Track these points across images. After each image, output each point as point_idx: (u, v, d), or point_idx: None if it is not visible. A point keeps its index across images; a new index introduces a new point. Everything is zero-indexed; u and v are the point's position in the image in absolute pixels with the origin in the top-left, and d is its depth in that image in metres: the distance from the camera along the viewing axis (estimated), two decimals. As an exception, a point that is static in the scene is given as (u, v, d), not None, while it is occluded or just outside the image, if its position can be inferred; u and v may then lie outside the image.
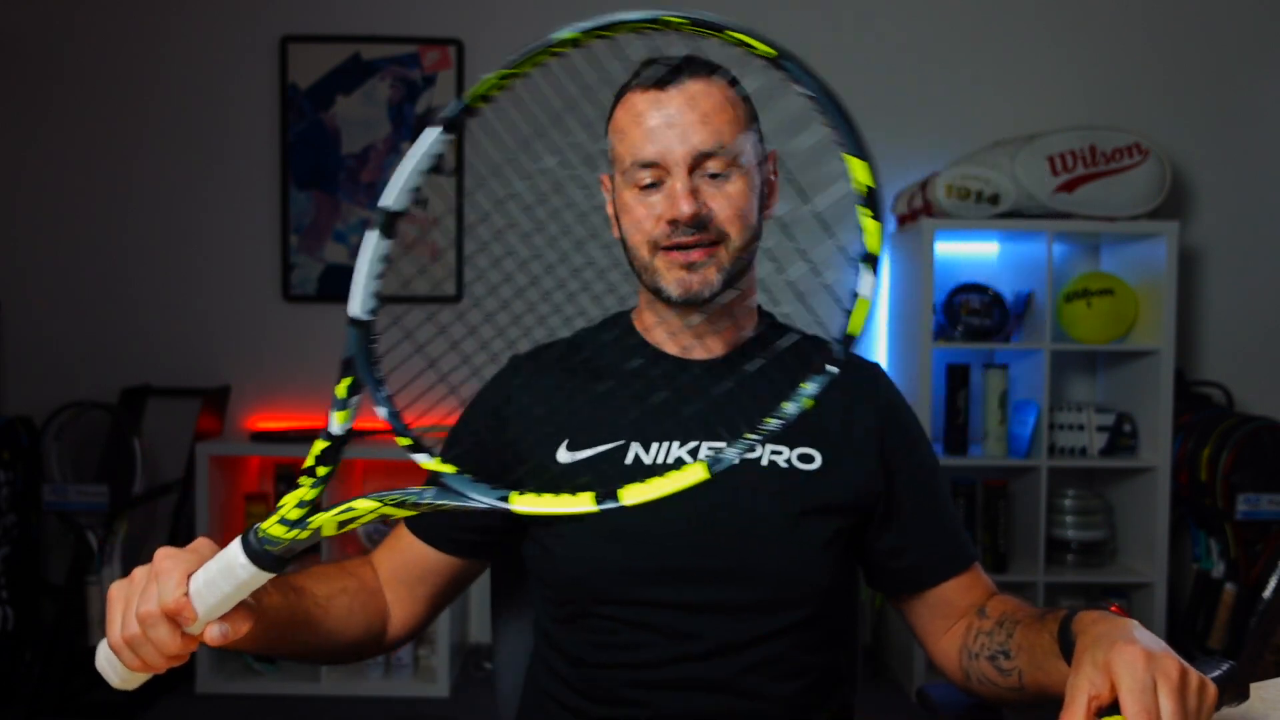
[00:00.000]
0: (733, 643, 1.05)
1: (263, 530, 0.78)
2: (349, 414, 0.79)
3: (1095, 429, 3.07)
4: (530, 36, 0.84)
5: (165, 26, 3.29)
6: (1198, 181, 3.31)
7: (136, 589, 0.79)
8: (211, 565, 0.78)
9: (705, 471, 0.73)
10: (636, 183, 1.08)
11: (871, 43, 3.30)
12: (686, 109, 1.06)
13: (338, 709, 2.89)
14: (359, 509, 0.77)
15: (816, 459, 1.10)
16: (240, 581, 0.77)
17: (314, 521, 0.77)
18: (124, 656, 0.79)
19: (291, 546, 0.78)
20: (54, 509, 2.88)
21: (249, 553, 0.77)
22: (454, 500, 0.78)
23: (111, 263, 3.30)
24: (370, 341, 0.78)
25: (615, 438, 1.10)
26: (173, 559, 0.80)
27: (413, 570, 1.16)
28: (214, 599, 0.78)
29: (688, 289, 1.08)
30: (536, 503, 0.76)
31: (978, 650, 1.09)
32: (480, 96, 0.71)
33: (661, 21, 0.69)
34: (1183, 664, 0.78)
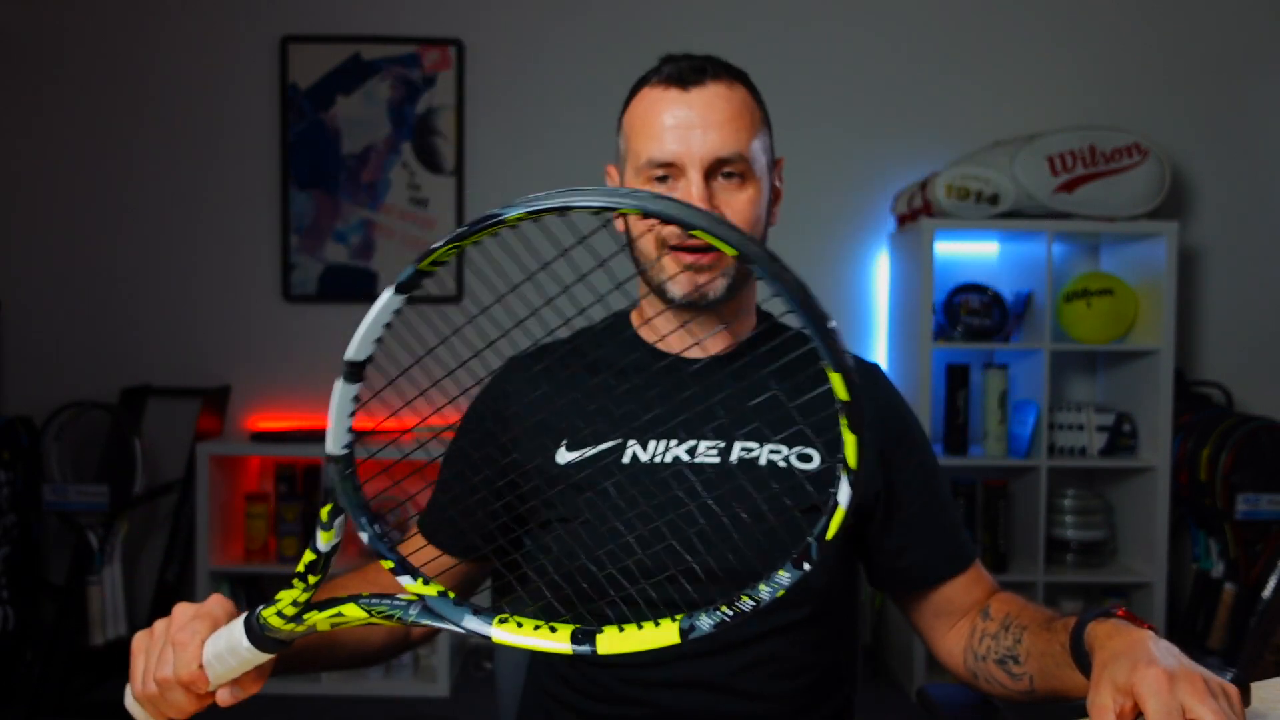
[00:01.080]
0: (732, 641, 1.05)
1: (262, 617, 0.82)
2: (333, 534, 0.82)
3: (1095, 429, 3.07)
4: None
5: (165, 26, 3.29)
6: (1198, 181, 3.31)
7: (156, 647, 0.85)
8: (220, 640, 0.83)
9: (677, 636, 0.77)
10: (649, 179, 1.08)
11: (871, 43, 3.30)
12: (708, 111, 1.05)
13: (338, 709, 2.89)
14: (348, 615, 0.82)
15: (815, 459, 1.10)
16: (245, 660, 0.83)
17: (308, 619, 0.82)
18: (148, 709, 0.87)
19: (289, 636, 0.83)
20: (54, 509, 2.88)
21: (251, 636, 0.82)
22: (435, 621, 0.81)
23: (112, 263, 3.30)
24: (347, 473, 0.80)
25: (613, 437, 1.10)
26: (188, 631, 0.84)
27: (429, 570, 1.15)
28: (223, 669, 0.83)
29: (692, 291, 1.08)
30: (516, 634, 0.79)
31: (984, 653, 1.09)
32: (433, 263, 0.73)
33: (619, 211, 0.68)
34: (1204, 675, 0.77)
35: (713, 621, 0.77)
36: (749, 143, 1.07)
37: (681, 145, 1.05)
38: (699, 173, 1.05)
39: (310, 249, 3.28)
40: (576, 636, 0.78)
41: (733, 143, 1.05)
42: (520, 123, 3.30)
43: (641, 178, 1.08)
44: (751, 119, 1.08)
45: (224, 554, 3.05)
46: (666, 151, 1.05)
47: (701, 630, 0.77)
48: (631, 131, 1.10)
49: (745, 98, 1.09)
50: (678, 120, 1.05)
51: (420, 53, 3.27)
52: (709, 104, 1.05)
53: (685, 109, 1.05)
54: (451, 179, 3.28)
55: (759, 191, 1.08)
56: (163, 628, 0.86)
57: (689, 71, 1.07)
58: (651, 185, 1.08)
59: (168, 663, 0.83)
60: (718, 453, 1.09)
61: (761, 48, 3.25)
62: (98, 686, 2.97)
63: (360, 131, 3.28)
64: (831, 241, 3.31)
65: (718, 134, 1.05)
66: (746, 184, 1.07)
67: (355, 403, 0.80)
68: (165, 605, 3.01)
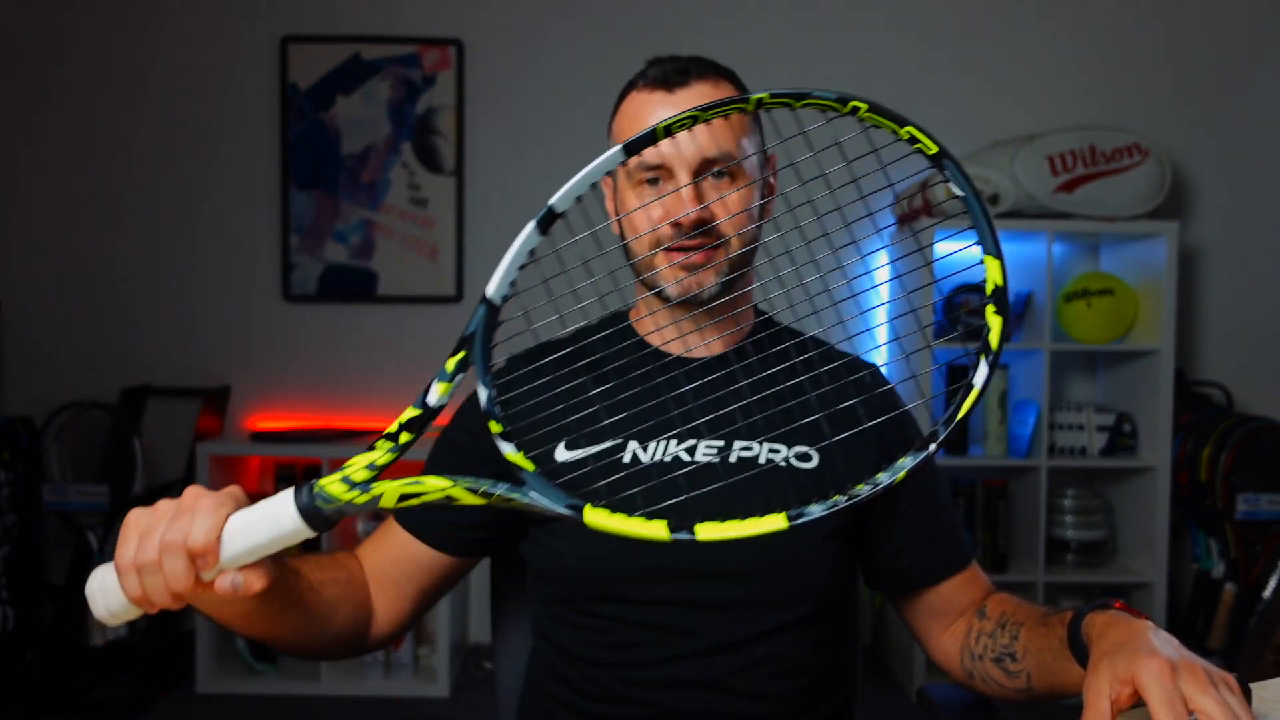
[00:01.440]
0: (731, 641, 1.05)
1: (319, 485, 0.76)
2: (450, 388, 0.79)
3: (1095, 429, 3.07)
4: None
5: (165, 26, 3.29)
6: (1198, 181, 3.31)
7: (161, 517, 0.76)
8: (252, 512, 0.76)
9: (785, 522, 0.77)
10: (639, 181, 1.08)
11: (871, 43, 3.30)
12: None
13: (338, 709, 2.89)
14: (427, 486, 0.77)
15: (814, 458, 1.10)
16: (280, 533, 0.75)
17: (377, 488, 0.77)
18: (127, 581, 0.76)
19: (344, 509, 0.76)
20: (54, 509, 2.88)
21: (299, 505, 0.75)
22: (525, 498, 0.78)
23: (111, 263, 3.30)
24: (494, 324, 0.78)
25: (613, 436, 1.10)
26: (213, 499, 0.76)
27: (402, 567, 1.13)
28: (243, 546, 0.75)
29: (686, 290, 1.08)
30: (609, 520, 0.77)
31: (980, 652, 1.09)
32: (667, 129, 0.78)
33: (850, 104, 0.76)
34: (1205, 666, 0.78)
35: (824, 508, 0.76)
36: (738, 140, 1.07)
37: (669, 146, 1.05)
38: (688, 173, 1.05)
39: (310, 249, 3.28)
40: (673, 527, 0.76)
41: (720, 141, 1.06)
42: (520, 123, 3.30)
43: (633, 180, 1.09)
44: (740, 117, 1.08)
45: (224, 554, 3.05)
46: (656, 154, 1.05)
47: (810, 516, 0.76)
48: (620, 135, 1.11)
49: (732, 95, 1.08)
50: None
51: (420, 53, 3.27)
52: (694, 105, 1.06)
53: (671, 110, 1.06)
54: (451, 179, 3.28)
55: (751, 189, 1.09)
56: (169, 503, 0.77)
57: (673, 73, 1.08)
58: (642, 188, 1.09)
59: (181, 528, 0.74)
60: (717, 452, 1.09)
61: (761, 48, 3.25)
62: (97, 686, 2.97)
63: (360, 131, 3.28)
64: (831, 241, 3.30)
65: (705, 133, 1.05)
66: (737, 181, 1.08)
67: (530, 256, 0.78)
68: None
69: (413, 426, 0.79)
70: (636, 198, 1.09)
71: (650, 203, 1.08)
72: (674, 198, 1.06)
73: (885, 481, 0.76)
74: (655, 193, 1.08)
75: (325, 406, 3.31)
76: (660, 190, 1.08)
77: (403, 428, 0.79)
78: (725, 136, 1.06)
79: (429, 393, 0.79)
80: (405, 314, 3.31)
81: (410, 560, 1.14)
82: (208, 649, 2.97)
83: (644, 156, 1.06)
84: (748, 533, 0.76)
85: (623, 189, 1.11)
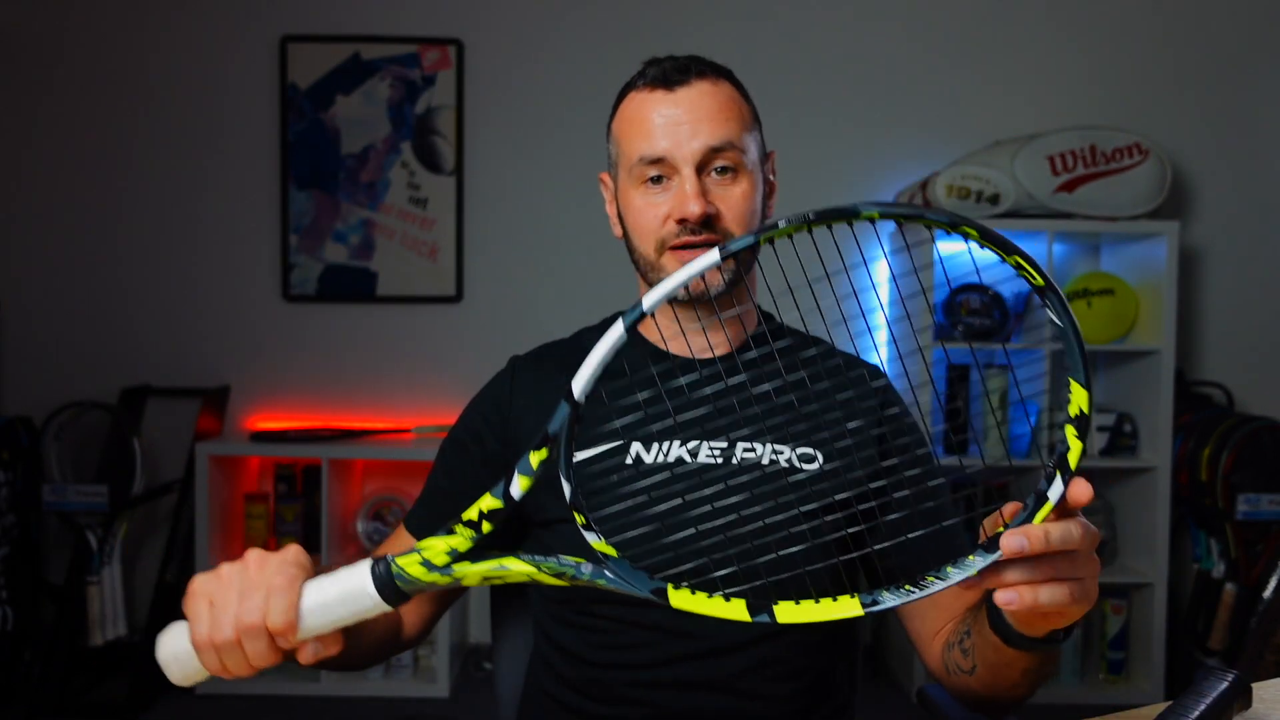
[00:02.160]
0: (731, 642, 1.05)
1: (397, 566, 0.76)
2: (531, 482, 0.79)
3: (1095, 429, 3.07)
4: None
5: (165, 26, 3.28)
6: (1198, 181, 3.31)
7: (231, 592, 0.75)
8: (329, 587, 0.76)
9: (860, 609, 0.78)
10: (643, 179, 1.08)
11: (872, 42, 3.30)
12: (695, 105, 1.06)
13: (338, 709, 2.89)
14: (511, 569, 0.77)
15: (817, 459, 1.10)
16: (361, 610, 0.76)
17: (458, 570, 0.77)
18: (206, 658, 0.76)
19: (424, 589, 0.77)
20: (54, 509, 2.88)
21: (377, 585, 0.76)
22: (606, 581, 0.79)
23: (111, 263, 3.30)
24: (576, 421, 0.79)
25: (616, 437, 1.10)
26: (283, 574, 0.76)
27: None
28: (322, 622, 0.76)
29: (695, 286, 1.08)
30: (691, 603, 0.79)
31: (954, 640, 1.10)
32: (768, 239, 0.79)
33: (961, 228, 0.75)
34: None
35: (897, 598, 0.77)
36: (739, 134, 1.08)
37: (671, 141, 1.05)
38: (691, 168, 1.06)
39: (310, 249, 3.28)
40: (753, 608, 0.78)
41: (723, 132, 1.06)
42: (520, 123, 3.30)
43: (634, 178, 1.09)
44: (739, 113, 1.09)
45: (223, 554, 3.05)
46: (658, 148, 1.06)
47: (884, 605, 0.77)
48: (621, 134, 1.11)
49: (731, 93, 1.10)
50: (666, 119, 1.06)
51: (420, 52, 3.27)
52: (695, 101, 1.06)
53: (672, 108, 1.07)
54: (451, 179, 3.28)
55: (753, 185, 1.09)
56: (239, 571, 0.76)
57: (673, 72, 1.08)
58: (645, 185, 1.09)
59: (256, 609, 0.74)
60: (720, 453, 1.09)
61: (761, 47, 3.25)
62: (97, 687, 2.97)
63: (360, 131, 3.27)
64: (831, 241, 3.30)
65: (707, 126, 1.06)
66: (740, 178, 1.08)
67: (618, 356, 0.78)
68: (165, 605, 3.01)
69: (495, 518, 0.79)
70: (640, 196, 1.09)
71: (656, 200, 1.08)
72: (678, 195, 1.06)
73: (955, 577, 0.77)
74: (659, 190, 1.08)
75: (325, 406, 3.31)
76: (665, 188, 1.08)
77: (484, 517, 0.79)
78: (727, 126, 1.07)
79: (511, 484, 0.79)
80: (405, 314, 3.31)
81: None
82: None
83: (645, 150, 1.07)
84: (825, 617, 0.78)
85: (625, 188, 1.11)
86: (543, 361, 1.20)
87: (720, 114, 1.07)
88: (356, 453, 3.11)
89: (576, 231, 3.26)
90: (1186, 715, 0.80)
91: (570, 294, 3.26)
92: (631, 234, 1.11)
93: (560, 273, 3.30)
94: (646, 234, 1.09)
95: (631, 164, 1.08)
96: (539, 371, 1.19)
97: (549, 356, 1.21)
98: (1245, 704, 0.84)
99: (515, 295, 3.32)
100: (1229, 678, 0.83)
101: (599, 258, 3.22)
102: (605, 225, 1.20)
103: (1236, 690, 0.82)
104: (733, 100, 1.09)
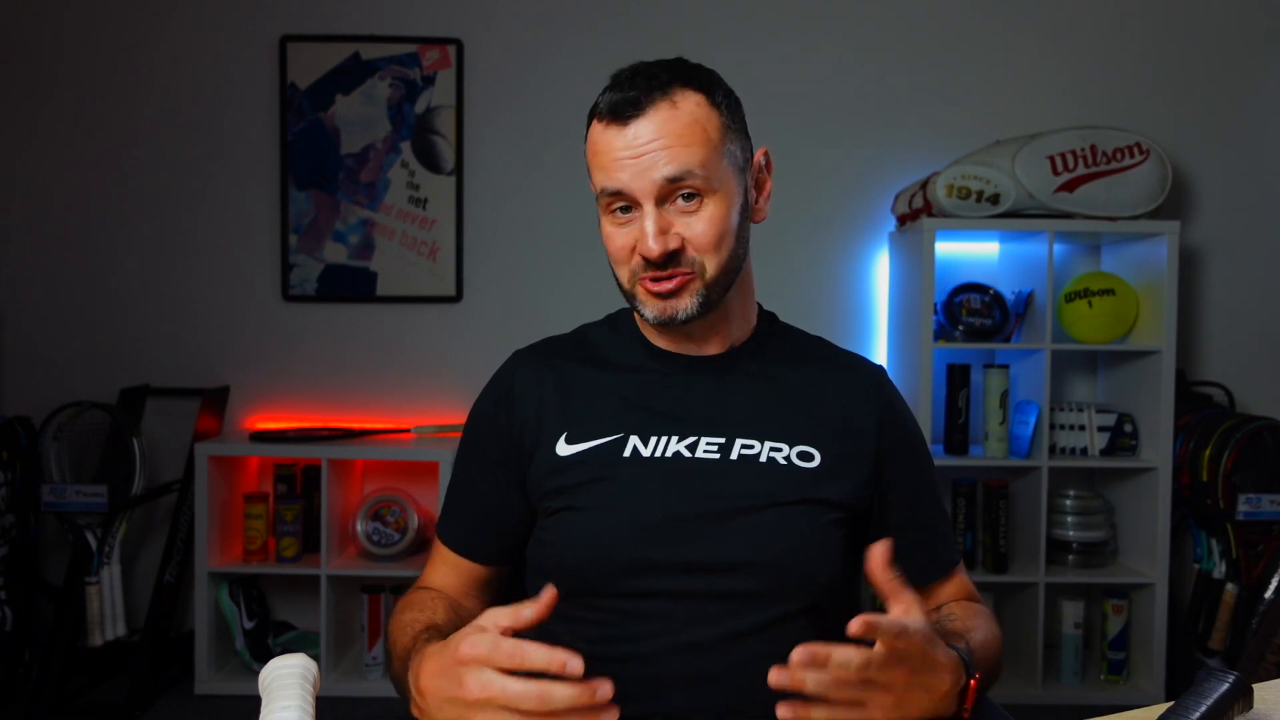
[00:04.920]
0: (732, 634, 1.05)
1: None
2: None
3: (1096, 429, 3.07)
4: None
5: (164, 26, 3.28)
6: (1198, 181, 3.31)
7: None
8: None
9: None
10: (609, 208, 1.09)
11: (872, 42, 3.30)
12: (650, 139, 1.04)
13: (338, 709, 2.89)
14: None
15: (816, 457, 1.11)
16: None
17: None
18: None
19: None
20: (53, 509, 2.87)
21: None
22: None
23: (110, 262, 3.30)
24: None
25: (614, 431, 1.11)
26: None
27: (470, 585, 1.21)
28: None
29: (663, 314, 1.10)
30: None
31: None
32: None
33: None
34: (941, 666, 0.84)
35: None
36: (701, 157, 1.04)
37: (629, 174, 1.05)
38: (651, 203, 1.05)
39: (309, 249, 3.27)
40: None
41: (681, 160, 1.04)
42: (520, 123, 3.30)
43: (603, 206, 1.10)
44: (704, 131, 1.05)
45: (223, 554, 3.05)
46: (618, 181, 1.05)
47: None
48: (589, 162, 1.11)
49: (694, 111, 1.05)
50: (622, 154, 1.05)
51: (420, 52, 3.27)
52: (650, 134, 1.04)
53: (627, 143, 1.04)
54: (451, 179, 3.28)
55: (722, 204, 1.07)
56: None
57: (624, 105, 1.05)
58: (614, 215, 1.09)
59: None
60: (718, 449, 1.10)
61: (760, 47, 3.25)
62: (96, 687, 2.97)
63: (359, 131, 3.27)
64: (831, 241, 3.30)
65: (664, 157, 1.03)
66: (706, 201, 1.06)
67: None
68: (164, 606, 3.01)
69: None
70: (609, 225, 1.10)
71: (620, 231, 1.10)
72: (640, 230, 1.06)
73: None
74: (626, 223, 1.08)
75: (325, 406, 3.31)
76: (632, 219, 1.08)
77: None
78: (687, 153, 1.04)
79: None
80: (405, 314, 3.31)
81: (476, 578, 1.21)
82: (207, 649, 2.97)
83: (607, 186, 1.06)
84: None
85: (601, 214, 1.12)
86: (544, 356, 1.22)
87: (679, 140, 1.04)
88: (356, 453, 3.11)
89: (576, 231, 3.26)
90: (1187, 716, 0.80)
91: (570, 294, 3.26)
92: (608, 257, 1.13)
93: (560, 273, 3.30)
94: (619, 263, 1.11)
95: (598, 193, 1.09)
96: (541, 365, 1.20)
97: (551, 351, 1.23)
98: (1246, 705, 0.84)
99: (515, 295, 3.32)
100: (1230, 678, 0.82)
101: (599, 258, 3.21)
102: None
103: (1237, 691, 0.82)
104: (694, 120, 1.05)
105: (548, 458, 1.12)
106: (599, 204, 1.11)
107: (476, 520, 1.19)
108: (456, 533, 1.20)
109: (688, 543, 1.06)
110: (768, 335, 1.22)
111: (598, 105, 1.09)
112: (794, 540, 1.07)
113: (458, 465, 1.22)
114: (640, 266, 1.08)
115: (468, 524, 1.20)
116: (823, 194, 3.26)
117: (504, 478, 1.16)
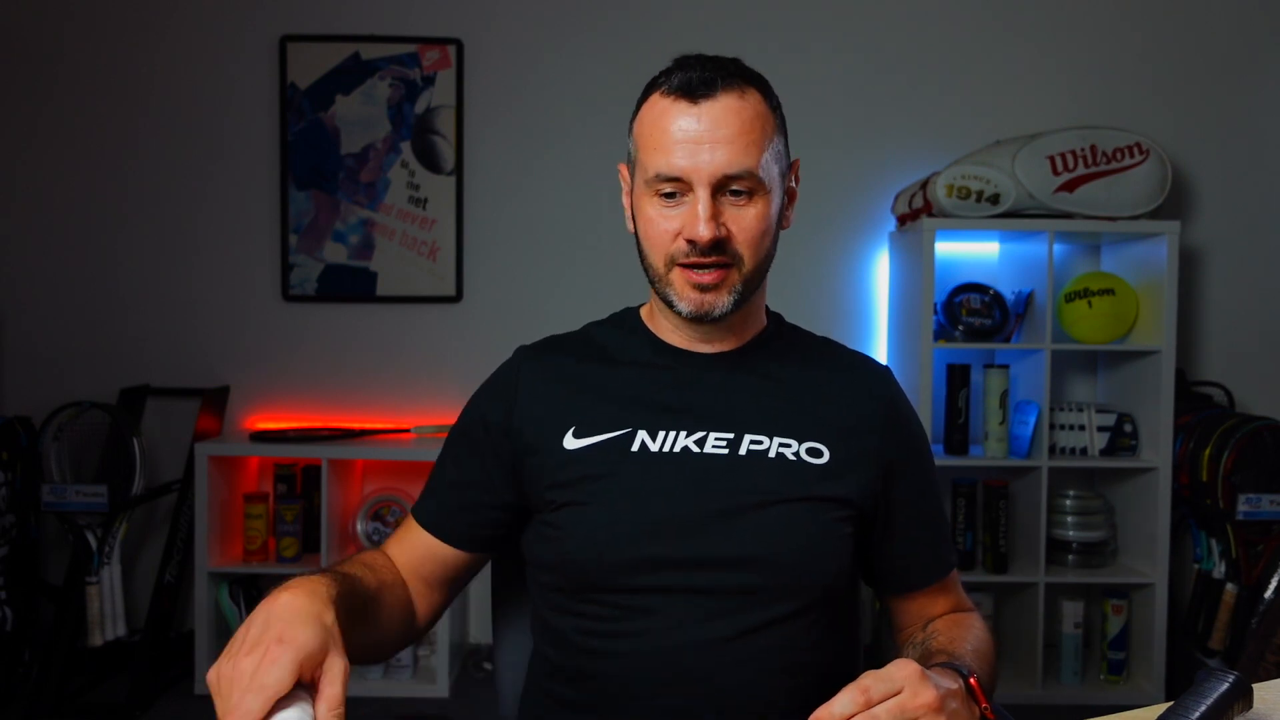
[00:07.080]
0: (738, 630, 1.05)
1: None
2: None
3: (1096, 429, 3.07)
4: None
5: (164, 26, 3.28)
6: (1198, 181, 3.31)
7: (231, 688, 0.81)
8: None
9: None
10: (657, 192, 1.07)
11: (872, 42, 3.30)
12: (716, 126, 1.04)
13: (337, 709, 2.88)
14: None
15: (825, 454, 1.11)
16: None
17: None
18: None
19: None
20: (53, 509, 2.87)
21: None
22: None
23: (110, 262, 3.30)
24: None
25: (622, 426, 1.11)
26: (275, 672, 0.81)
27: (430, 565, 1.18)
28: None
29: (699, 308, 1.09)
30: None
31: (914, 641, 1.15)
32: None
33: None
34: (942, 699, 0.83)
35: None
36: (759, 157, 1.05)
37: (689, 161, 1.04)
38: (706, 190, 1.04)
39: (309, 249, 3.27)
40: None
41: (741, 159, 1.04)
42: (520, 123, 3.30)
43: (650, 190, 1.08)
44: (764, 129, 1.06)
45: (223, 554, 3.05)
46: (675, 167, 1.04)
47: None
48: (641, 140, 1.09)
49: (757, 107, 1.07)
50: (686, 135, 1.04)
51: (420, 52, 3.27)
52: (718, 119, 1.04)
53: (694, 122, 1.04)
54: (451, 179, 3.28)
55: (767, 204, 1.08)
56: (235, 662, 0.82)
57: (699, 83, 1.04)
58: (658, 199, 1.07)
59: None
60: (727, 444, 1.10)
61: (761, 46, 3.25)
62: (96, 687, 2.97)
63: (359, 131, 3.27)
64: (832, 241, 3.30)
65: (726, 151, 1.03)
66: (755, 199, 1.07)
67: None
68: (164, 606, 3.01)
69: None
70: (653, 208, 1.08)
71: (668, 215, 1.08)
72: (690, 214, 1.05)
73: None
74: (672, 205, 1.07)
75: (325, 407, 3.31)
76: (679, 204, 1.07)
77: None
78: (748, 153, 1.04)
79: None
80: (405, 314, 3.31)
81: (437, 559, 1.18)
82: (207, 649, 2.96)
83: (661, 167, 1.05)
84: None
85: (639, 194, 1.11)
86: (550, 353, 1.21)
87: (742, 135, 1.04)
88: (356, 453, 3.11)
89: (577, 231, 3.26)
90: (1187, 716, 0.80)
91: (570, 294, 3.26)
92: (643, 240, 1.11)
93: (560, 273, 3.30)
94: (657, 246, 1.09)
95: (648, 176, 1.07)
96: (545, 363, 1.19)
97: (556, 349, 1.22)
98: (1246, 705, 0.84)
99: (515, 295, 3.32)
100: (1230, 678, 0.82)
101: (599, 257, 3.21)
102: (606, 225, 1.21)
103: (1237, 691, 0.82)
104: (758, 116, 1.06)
105: (554, 452, 1.11)
106: (643, 184, 1.08)
107: (452, 500, 1.18)
108: (428, 508, 1.19)
109: (695, 538, 1.06)
110: (775, 335, 1.22)
111: (663, 79, 1.08)
112: (803, 537, 1.07)
113: (445, 449, 1.21)
114: (682, 252, 1.06)
115: (442, 501, 1.18)
116: (823, 194, 3.25)
117: (491, 466, 1.15)
